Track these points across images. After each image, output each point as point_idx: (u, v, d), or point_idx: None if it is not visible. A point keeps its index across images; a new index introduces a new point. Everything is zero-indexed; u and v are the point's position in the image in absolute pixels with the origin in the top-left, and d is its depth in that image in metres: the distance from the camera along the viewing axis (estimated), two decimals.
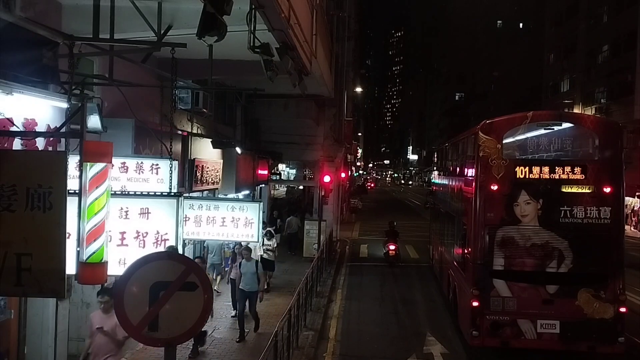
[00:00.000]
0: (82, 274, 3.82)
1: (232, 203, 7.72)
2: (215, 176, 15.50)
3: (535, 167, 10.66)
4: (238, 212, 7.56)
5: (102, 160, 3.86)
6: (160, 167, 7.05)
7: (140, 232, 5.14)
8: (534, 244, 10.62)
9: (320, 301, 15.52)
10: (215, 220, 7.59)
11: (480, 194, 10.80)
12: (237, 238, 7.90)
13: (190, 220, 7.65)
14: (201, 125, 15.30)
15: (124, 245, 5.14)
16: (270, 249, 16.03)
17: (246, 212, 7.57)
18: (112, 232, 4.95)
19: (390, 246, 21.85)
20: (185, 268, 3.80)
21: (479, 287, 10.74)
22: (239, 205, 7.64)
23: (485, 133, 10.78)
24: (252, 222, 7.55)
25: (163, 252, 4.00)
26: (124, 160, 7.04)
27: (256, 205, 7.69)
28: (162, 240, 5.22)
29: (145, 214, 5.08)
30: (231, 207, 7.61)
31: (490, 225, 10.72)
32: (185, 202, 7.77)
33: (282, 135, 24.75)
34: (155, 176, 6.92)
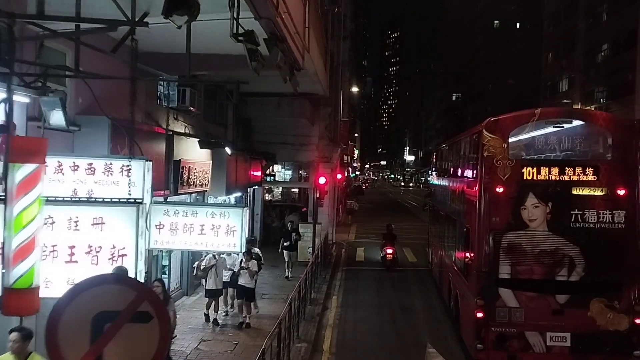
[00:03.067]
0: (7, 303, 3.07)
1: (212, 209, 6.94)
2: (204, 178, 14.72)
3: (543, 167, 9.95)
4: (219, 218, 6.77)
5: (32, 161, 3.11)
6: (132, 168, 6.28)
7: (92, 246, 4.36)
8: (543, 251, 9.91)
9: (314, 309, 14.76)
10: (193, 228, 6.81)
11: (484, 196, 10.08)
12: (218, 248, 7.12)
13: (165, 228, 6.88)
14: (189, 125, 14.52)
15: (73, 262, 4.35)
16: (249, 273, 12.72)
17: (228, 218, 6.79)
18: (59, 246, 4.22)
19: (387, 250, 21.10)
20: (137, 295, 3.05)
21: (483, 296, 10.00)
22: (220, 211, 6.86)
23: (490, 131, 10.05)
24: (234, 229, 6.76)
25: (109, 275, 3.25)
26: (90, 161, 6.27)
27: (239, 210, 6.90)
28: (119, 256, 4.46)
29: (99, 225, 4.32)
30: (211, 213, 6.83)
31: (495, 230, 10.00)
32: (159, 207, 7.02)
33: (275, 135, 23.96)
34: (127, 179, 6.16)
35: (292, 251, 18.97)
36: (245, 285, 12.83)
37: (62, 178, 6.26)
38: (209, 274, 12.47)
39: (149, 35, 10.43)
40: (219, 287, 12.74)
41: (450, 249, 14.38)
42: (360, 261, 23.51)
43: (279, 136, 24.16)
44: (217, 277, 12.53)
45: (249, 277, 12.76)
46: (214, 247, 7.00)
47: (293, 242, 19.00)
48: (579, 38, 47.42)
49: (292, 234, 19.16)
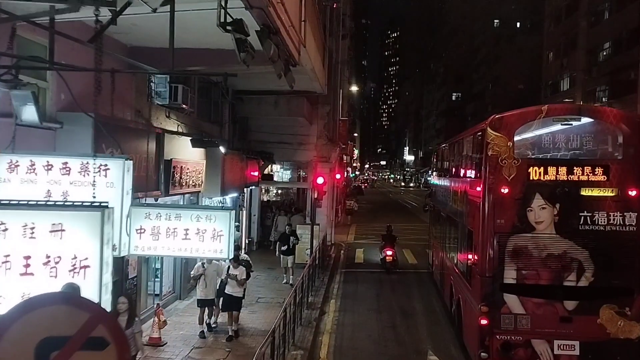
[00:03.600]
0: None
1: (198, 211, 6.43)
2: (197, 178, 14.25)
3: (551, 167, 9.47)
4: (204, 222, 6.27)
5: None
6: (110, 168, 5.80)
7: (51, 256, 3.87)
8: (550, 255, 9.44)
9: (311, 314, 14.27)
10: (176, 233, 6.31)
11: (488, 197, 9.59)
12: (203, 254, 6.60)
13: (147, 233, 6.37)
14: (182, 123, 14.03)
15: (29, 274, 3.85)
16: (236, 281, 11.78)
17: (214, 222, 6.28)
18: (12, 256, 3.74)
19: (387, 251, 20.62)
20: (90, 317, 2.58)
21: (487, 303, 9.53)
22: (206, 214, 6.35)
23: (494, 129, 9.57)
24: (221, 234, 6.26)
25: (57, 294, 2.77)
26: (65, 160, 5.80)
27: (226, 214, 6.40)
28: (81, 268, 3.97)
29: (58, 232, 3.83)
30: (196, 217, 6.32)
31: (500, 233, 9.53)
32: (140, 210, 6.53)
33: (273, 134, 23.50)
34: (104, 179, 5.69)
35: (290, 255, 17.84)
36: (233, 294, 11.87)
37: (35, 178, 5.79)
38: (199, 283, 11.78)
39: (137, 29, 10.02)
40: (210, 296, 11.90)
41: (451, 251, 13.90)
42: (360, 263, 23.03)
43: (277, 135, 23.70)
44: (206, 287, 11.75)
45: (236, 286, 11.83)
46: (199, 253, 6.50)
47: (291, 247, 17.91)
48: (580, 36, 46.95)
49: (290, 237, 18.10)
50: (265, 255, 20.82)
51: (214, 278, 11.81)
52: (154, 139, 11.22)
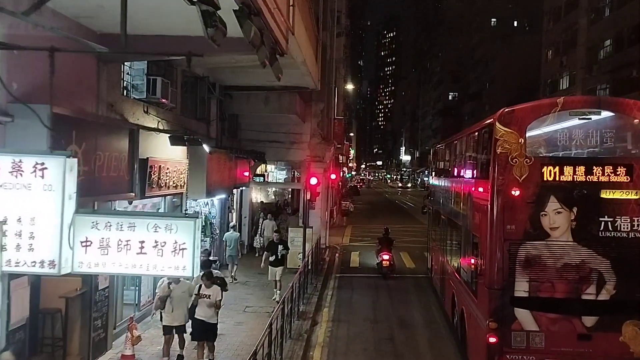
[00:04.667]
0: None
1: (156, 220, 5.35)
2: (179, 179, 13.22)
3: (567, 166, 8.48)
4: (164, 233, 5.21)
5: None
6: (48, 167, 4.78)
7: None
8: (567, 264, 8.46)
9: (302, 325, 13.24)
10: (129, 246, 5.25)
11: (497, 200, 8.59)
12: (162, 271, 5.46)
13: (94, 245, 5.31)
14: (162, 119, 12.95)
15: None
16: (209, 302, 9.73)
17: (175, 233, 5.22)
18: None
19: (384, 256, 19.60)
20: None
21: (496, 318, 8.52)
22: (165, 224, 5.27)
23: (504, 124, 8.57)
24: (183, 247, 5.19)
25: None
26: None
27: (190, 223, 5.31)
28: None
29: None
30: (154, 227, 5.23)
31: (510, 240, 8.53)
32: (86, 218, 5.47)
33: (264, 133, 22.49)
34: (41, 180, 4.67)
35: (279, 267, 15.45)
36: (205, 319, 9.72)
37: None
38: (166, 306, 9.80)
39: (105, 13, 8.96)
40: (177, 322, 9.90)
41: (453, 257, 12.90)
42: (355, 267, 22.02)
43: (268, 134, 22.71)
44: (172, 311, 9.79)
45: (209, 309, 9.73)
46: (157, 270, 5.43)
47: (280, 257, 15.57)
48: (580, 34, 46.18)
49: (279, 246, 15.69)
50: (256, 259, 19.77)
51: (182, 301, 9.81)
52: (126, 136, 10.16)
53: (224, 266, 19.12)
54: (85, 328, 9.75)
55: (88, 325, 9.75)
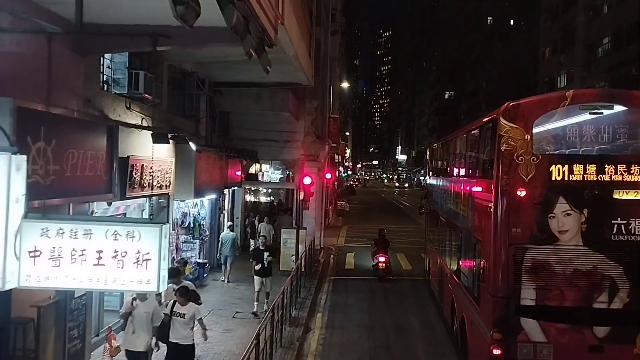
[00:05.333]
0: None
1: (116, 226, 4.66)
2: (164, 178, 12.54)
3: (577, 165, 7.87)
4: (125, 241, 4.53)
5: None
6: None
7: None
8: (577, 271, 7.85)
9: (294, 332, 12.59)
10: (85, 256, 4.55)
11: (502, 202, 7.98)
12: (123, 285, 4.74)
13: (44, 256, 4.61)
14: (147, 116, 12.25)
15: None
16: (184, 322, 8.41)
17: (138, 241, 4.54)
18: None
19: (380, 258, 18.98)
20: None
21: (501, 328, 7.90)
22: (127, 230, 4.58)
23: (509, 120, 7.95)
24: (147, 258, 4.51)
25: None
26: None
27: (155, 229, 4.61)
28: None
29: None
30: (113, 234, 4.55)
31: (516, 244, 7.91)
32: (34, 225, 4.79)
33: (257, 131, 21.79)
34: None
35: (266, 277, 13.97)
36: (180, 342, 8.39)
37: None
38: (127, 326, 8.35)
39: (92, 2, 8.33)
40: (139, 348, 8.22)
41: (453, 261, 12.28)
42: (350, 269, 21.38)
43: (261, 132, 22.01)
44: (133, 333, 8.21)
45: (184, 330, 8.38)
46: (117, 284, 4.74)
47: (266, 265, 14.03)
48: (578, 31, 45.72)
49: (265, 253, 14.06)
50: (247, 261, 19.09)
51: (145, 323, 8.20)
52: (104, 133, 9.48)
53: (215, 268, 18.50)
54: (60, 339, 9.08)
55: (63, 336, 9.07)
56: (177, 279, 9.25)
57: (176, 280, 9.21)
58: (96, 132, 9.24)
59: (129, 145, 10.67)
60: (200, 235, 16.92)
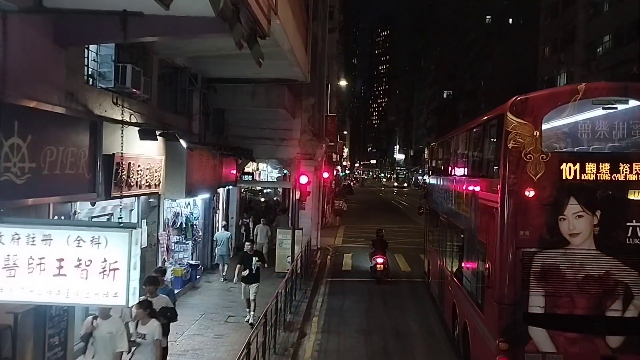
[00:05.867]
0: None
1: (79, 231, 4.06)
2: (154, 177, 12.04)
3: (589, 163, 7.38)
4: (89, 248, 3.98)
5: None
6: None
7: None
8: (589, 276, 7.36)
9: (288, 337, 12.08)
10: (44, 265, 4.02)
11: (508, 203, 7.48)
12: (87, 298, 4.18)
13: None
14: (135, 112, 11.71)
15: None
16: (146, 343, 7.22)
17: (104, 248, 4.00)
18: None
19: (378, 259, 18.47)
20: None
21: (508, 338, 7.41)
22: (92, 236, 4.02)
23: (516, 115, 7.45)
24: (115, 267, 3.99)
25: None
26: None
27: (124, 234, 4.05)
28: None
29: None
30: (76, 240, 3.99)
31: (524, 248, 7.42)
32: None
33: (252, 129, 21.30)
34: None
35: (253, 284, 12.80)
36: None
37: None
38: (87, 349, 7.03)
39: None
40: None
41: (454, 264, 11.78)
42: (347, 270, 20.88)
43: (257, 130, 21.52)
44: (93, 357, 6.94)
45: (147, 352, 7.19)
46: (80, 297, 4.19)
47: (254, 271, 12.86)
48: (578, 30, 45.28)
49: (253, 258, 12.91)
50: None
51: (108, 345, 6.88)
52: (86, 129, 8.96)
53: (209, 269, 17.99)
54: (39, 347, 8.53)
55: (42, 344, 8.52)
56: (152, 288, 8.08)
57: (151, 290, 8.04)
58: (78, 127, 8.72)
59: (114, 142, 10.15)
60: (192, 236, 16.39)
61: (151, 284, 8.18)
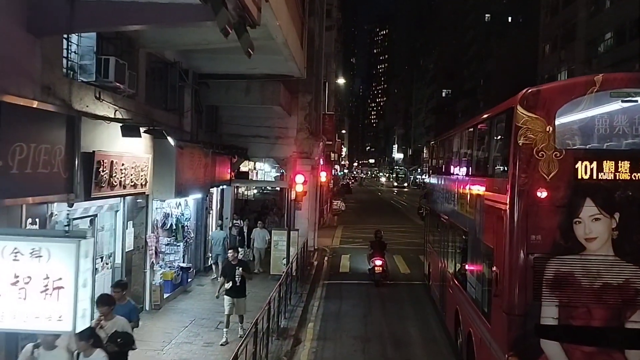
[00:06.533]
0: None
1: (16, 241, 3.27)
2: (139, 176, 11.41)
3: (607, 161, 6.77)
4: (28, 261, 3.30)
5: None
6: None
7: None
8: (607, 285, 6.74)
9: (282, 345, 11.45)
10: None
11: (518, 204, 6.86)
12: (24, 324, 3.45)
13: None
14: (121, 108, 11.08)
15: None
16: None
17: (47, 262, 3.31)
18: None
19: (376, 261, 17.85)
20: None
21: (518, 352, 6.79)
22: (31, 247, 3.29)
23: (527, 108, 6.83)
24: (59, 285, 3.32)
25: None
26: None
27: (71, 245, 3.38)
28: None
29: None
30: (12, 252, 3.25)
31: (536, 254, 6.80)
32: None
33: (246, 127, 20.68)
34: None
35: (239, 298, 11.49)
36: None
37: None
38: None
39: None
40: None
41: (456, 267, 11.17)
42: (345, 272, 20.27)
43: (251, 128, 20.91)
44: None
45: None
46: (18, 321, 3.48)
47: (239, 283, 11.41)
48: (579, 27, 44.76)
49: (237, 268, 11.41)
50: None
51: None
52: (63, 124, 8.33)
53: (202, 272, 17.38)
54: None
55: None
56: (106, 309, 6.66)
57: (105, 311, 6.61)
58: (52, 123, 8.10)
59: (95, 139, 9.53)
60: (184, 238, 15.74)
61: (104, 305, 6.72)
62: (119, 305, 7.03)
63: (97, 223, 10.93)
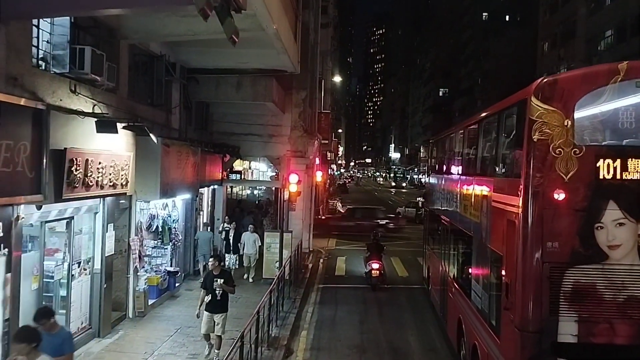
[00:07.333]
0: None
1: None
2: (119, 176, 10.63)
3: (632, 160, 6.04)
4: None
5: None
6: None
7: None
8: (632, 297, 6.01)
9: (272, 356, 10.71)
10: None
11: (533, 207, 6.14)
12: None
13: None
14: (100, 102, 10.30)
15: None
16: None
17: None
18: None
19: (373, 264, 17.14)
20: None
21: None
22: None
23: (543, 100, 6.10)
24: None
25: None
26: None
27: None
28: None
29: None
30: None
31: (552, 263, 6.06)
32: None
33: (239, 125, 19.96)
34: None
35: (217, 314, 10.05)
36: None
37: None
38: None
39: None
40: None
41: (459, 273, 10.45)
42: (341, 275, 19.56)
43: (244, 126, 20.21)
44: None
45: None
46: None
47: (219, 297, 9.99)
48: (579, 25, 44.24)
49: (217, 280, 9.98)
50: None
51: None
52: (29, 119, 7.56)
53: (190, 276, 16.62)
54: None
55: None
56: (25, 347, 5.20)
57: (23, 350, 5.20)
58: (14, 117, 7.34)
59: (67, 135, 8.77)
60: (171, 240, 14.98)
61: (22, 341, 5.24)
62: (49, 335, 5.70)
63: (74, 226, 10.16)
